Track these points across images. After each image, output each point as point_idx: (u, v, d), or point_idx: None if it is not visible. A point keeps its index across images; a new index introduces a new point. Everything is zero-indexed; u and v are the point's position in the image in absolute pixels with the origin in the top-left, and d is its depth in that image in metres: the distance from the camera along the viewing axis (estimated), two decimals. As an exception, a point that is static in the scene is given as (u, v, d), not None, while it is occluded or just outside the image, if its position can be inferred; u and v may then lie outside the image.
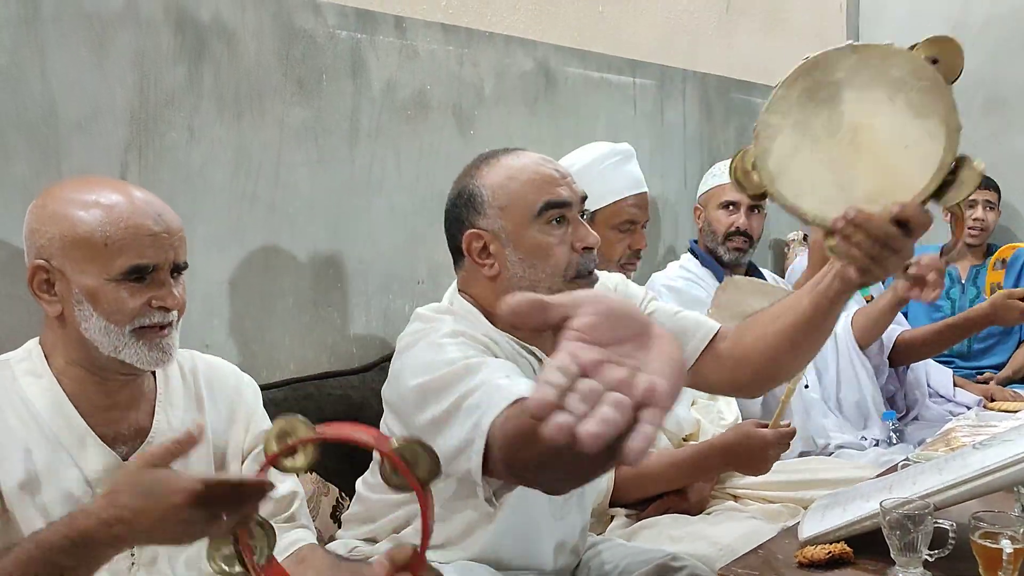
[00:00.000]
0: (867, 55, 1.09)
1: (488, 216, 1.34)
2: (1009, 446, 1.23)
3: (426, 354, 1.24)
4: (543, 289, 1.31)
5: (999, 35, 3.68)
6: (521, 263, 1.33)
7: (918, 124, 1.07)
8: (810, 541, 1.29)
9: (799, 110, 1.10)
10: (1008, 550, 1.10)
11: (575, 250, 1.33)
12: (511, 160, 1.37)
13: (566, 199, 1.33)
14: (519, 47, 2.41)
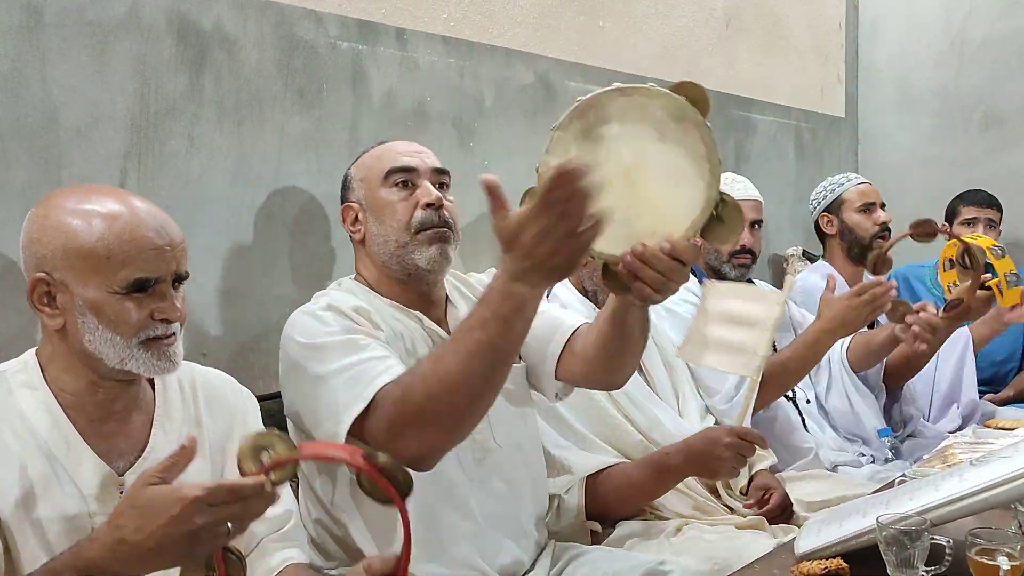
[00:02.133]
0: (634, 97, 1.14)
1: (353, 189, 1.58)
2: (1006, 463, 1.22)
3: (309, 321, 1.42)
4: (392, 243, 1.50)
5: (997, 54, 3.70)
6: (374, 222, 1.53)
7: (685, 163, 1.13)
8: (806, 556, 1.28)
9: (576, 151, 1.14)
10: (1005, 567, 1.09)
11: (419, 207, 1.51)
12: (382, 145, 1.62)
13: (411, 164, 1.54)
14: (520, 60, 2.42)
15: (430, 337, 1.51)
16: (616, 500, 1.82)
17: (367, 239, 1.54)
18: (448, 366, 1.20)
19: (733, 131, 3.25)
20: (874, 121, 4.02)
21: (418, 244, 1.49)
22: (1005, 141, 3.69)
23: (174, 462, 0.95)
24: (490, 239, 2.18)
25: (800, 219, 3.63)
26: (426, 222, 1.50)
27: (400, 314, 1.52)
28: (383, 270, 1.53)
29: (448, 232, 1.52)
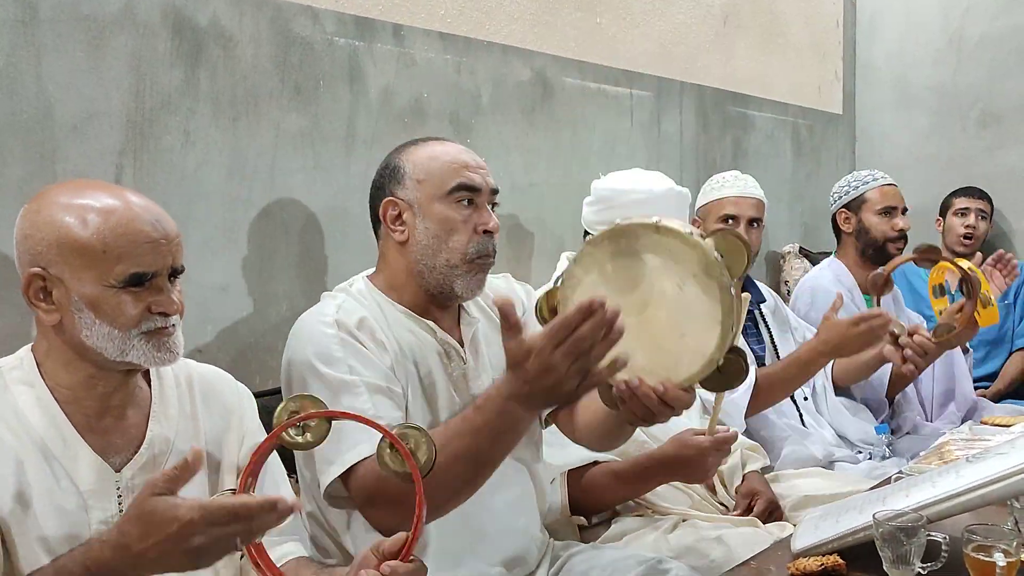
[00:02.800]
0: (668, 237, 1.15)
1: (406, 187, 1.47)
2: (1002, 459, 1.22)
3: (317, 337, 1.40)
4: (443, 261, 1.45)
5: (995, 52, 3.70)
6: (427, 232, 1.45)
7: (700, 317, 1.15)
8: (803, 553, 1.28)
9: (601, 270, 1.18)
10: (1001, 563, 1.09)
11: (477, 232, 1.45)
12: (436, 144, 1.52)
13: (477, 184, 1.46)
14: (517, 57, 2.42)
15: (441, 347, 1.50)
16: (596, 498, 1.83)
17: (411, 243, 1.47)
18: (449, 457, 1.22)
19: (730, 128, 3.25)
20: (872, 118, 4.02)
21: (466, 272, 1.46)
22: (1002, 139, 3.69)
23: (178, 474, 0.95)
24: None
25: (797, 216, 3.64)
26: (481, 251, 1.46)
27: (413, 324, 1.49)
28: (415, 277, 1.48)
29: (493, 261, 1.50)
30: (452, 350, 1.50)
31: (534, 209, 2.48)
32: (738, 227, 2.49)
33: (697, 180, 3.05)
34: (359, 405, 1.34)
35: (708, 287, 1.16)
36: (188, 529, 0.92)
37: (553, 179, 2.52)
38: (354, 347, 1.39)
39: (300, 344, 1.42)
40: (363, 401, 1.35)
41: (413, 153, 1.50)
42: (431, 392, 1.42)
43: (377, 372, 1.39)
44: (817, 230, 3.75)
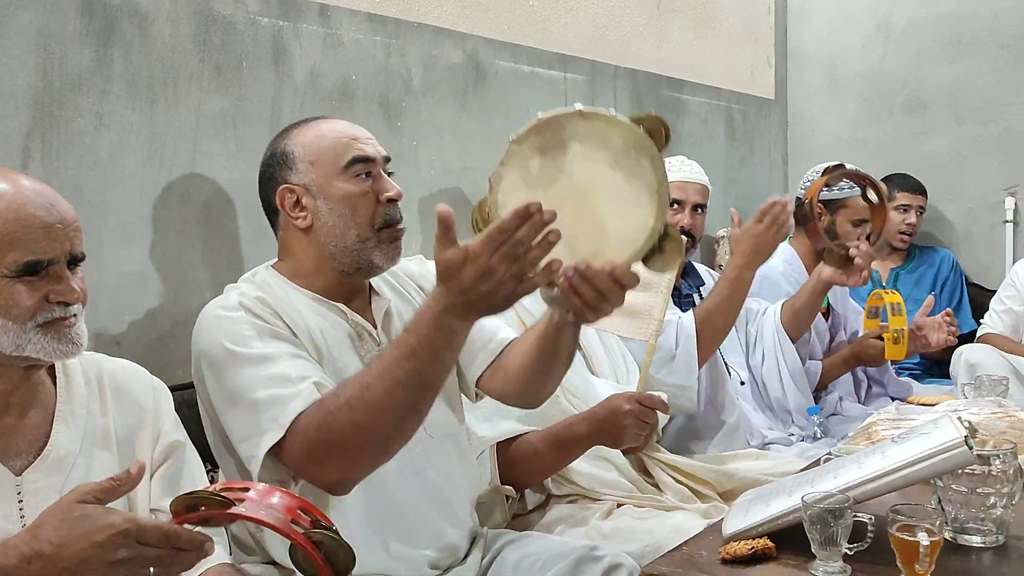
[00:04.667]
0: (593, 121, 1.15)
1: (299, 171, 1.44)
2: (925, 439, 1.24)
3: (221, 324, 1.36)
4: (353, 238, 1.42)
5: (920, 39, 3.77)
6: (331, 212, 1.42)
7: (634, 192, 1.16)
8: (734, 537, 1.28)
9: (531, 166, 1.16)
10: (924, 543, 1.10)
11: (380, 202, 1.44)
12: (321, 123, 1.49)
13: (371, 155, 1.46)
14: (448, 39, 2.37)
15: (353, 329, 1.47)
16: (526, 469, 1.82)
17: (316, 228, 1.43)
18: (374, 394, 1.21)
19: (664, 112, 3.23)
20: (803, 104, 4.07)
21: (379, 242, 1.44)
22: (927, 125, 3.77)
23: (116, 485, 0.91)
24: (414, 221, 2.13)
25: (731, 201, 3.66)
26: (389, 219, 1.45)
27: (322, 308, 1.46)
28: (327, 261, 1.45)
29: (402, 228, 1.49)
30: (364, 331, 1.47)
31: (468, 193, 2.44)
32: (682, 212, 2.51)
33: (632, 165, 3.06)
34: (284, 371, 1.31)
35: (639, 161, 1.17)
36: (118, 540, 0.88)
37: (487, 163, 2.46)
38: (263, 326, 1.36)
39: (208, 334, 1.37)
40: (286, 367, 1.32)
41: (299, 136, 1.47)
42: (343, 376, 1.38)
43: (290, 343, 1.36)
44: (751, 213, 3.78)
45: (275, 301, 1.41)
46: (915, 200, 3.50)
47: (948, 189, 3.67)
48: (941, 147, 3.72)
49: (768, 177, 3.96)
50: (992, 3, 3.60)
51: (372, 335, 1.48)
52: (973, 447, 1.21)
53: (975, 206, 3.69)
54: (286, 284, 1.47)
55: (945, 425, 1.26)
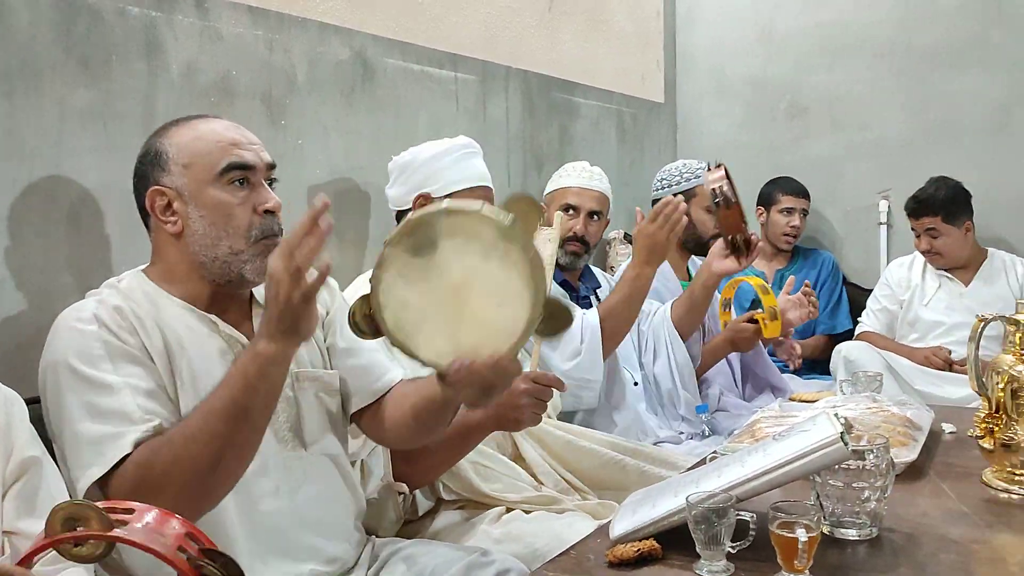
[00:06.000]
0: (459, 217, 1.18)
1: (172, 173, 1.37)
2: (804, 437, 1.26)
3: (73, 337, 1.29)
4: (225, 249, 1.36)
5: (801, 46, 3.91)
6: (203, 220, 1.36)
7: (509, 281, 1.19)
8: (621, 539, 1.28)
9: (407, 267, 1.19)
10: (803, 539, 1.12)
11: (257, 212, 1.38)
12: (200, 123, 1.41)
13: (250, 162, 1.38)
14: (334, 35, 2.31)
15: (225, 343, 1.40)
16: (422, 463, 1.77)
17: (187, 234, 1.37)
18: (191, 427, 1.19)
19: (556, 114, 3.26)
20: (692, 107, 4.16)
21: (253, 255, 1.37)
22: (808, 130, 3.91)
23: None
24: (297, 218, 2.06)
25: (622, 203, 3.71)
26: (266, 231, 1.38)
27: (192, 319, 1.39)
28: (197, 269, 1.38)
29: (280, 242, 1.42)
30: (240, 346, 1.40)
31: (356, 193, 2.38)
32: (577, 219, 2.53)
33: (525, 165, 3.05)
34: (124, 407, 1.24)
35: (510, 252, 1.18)
36: None
37: (376, 163, 2.43)
38: (116, 345, 1.29)
39: (58, 344, 1.29)
40: (127, 403, 1.25)
41: (175, 135, 1.39)
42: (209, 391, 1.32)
43: (142, 371, 1.29)
44: (642, 216, 3.84)
45: (138, 311, 1.33)
46: (799, 203, 3.63)
47: (827, 192, 3.81)
48: (821, 152, 3.87)
49: (658, 179, 4.03)
50: (866, 14, 3.76)
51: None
52: (848, 443, 1.23)
53: (852, 209, 3.85)
54: (155, 290, 1.39)
55: (822, 422, 1.28)
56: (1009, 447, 1.51)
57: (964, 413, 1.96)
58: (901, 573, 1.20)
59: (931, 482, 1.57)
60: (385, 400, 1.55)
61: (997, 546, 1.29)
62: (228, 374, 1.21)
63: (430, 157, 2.06)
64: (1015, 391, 1.52)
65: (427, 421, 1.48)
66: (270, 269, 1.16)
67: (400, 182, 2.09)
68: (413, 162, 2.07)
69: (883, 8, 3.72)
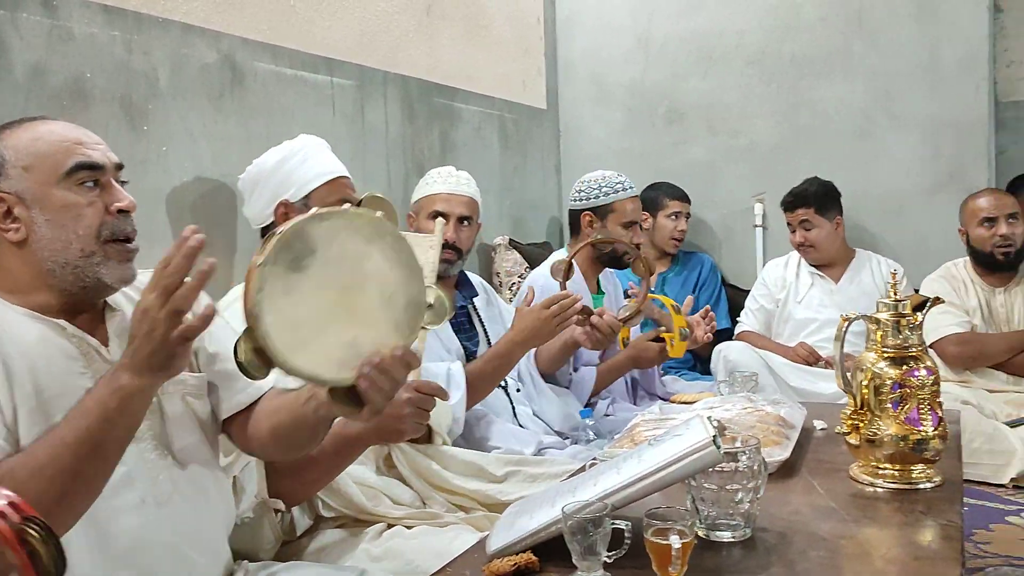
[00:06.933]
0: (331, 219, 1.17)
1: (11, 177, 1.30)
2: (678, 441, 1.26)
3: None
4: (75, 252, 1.30)
5: (676, 54, 3.99)
6: (49, 224, 1.29)
7: (392, 275, 1.19)
8: (498, 553, 1.25)
9: (290, 284, 1.14)
10: (676, 546, 1.12)
11: (109, 212, 1.32)
12: (39, 124, 1.35)
13: (98, 161, 1.33)
14: (199, 37, 2.21)
15: (76, 348, 1.31)
16: (299, 479, 1.70)
17: (32, 241, 1.29)
18: (38, 459, 1.12)
19: (437, 120, 3.23)
20: (574, 113, 4.20)
21: (105, 257, 1.30)
22: (686, 135, 4.00)
23: None
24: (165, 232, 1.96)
25: (506, 209, 3.71)
26: (118, 231, 1.31)
27: (38, 325, 1.29)
28: (46, 278, 1.29)
29: (136, 249, 1.35)
30: (91, 350, 1.32)
31: (226, 202, 2.29)
32: (447, 224, 2.48)
33: (405, 173, 3.00)
34: None
35: (386, 244, 1.18)
36: None
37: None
38: None
39: None
40: None
41: (11, 138, 1.31)
42: (58, 402, 1.23)
43: None
44: (525, 222, 3.85)
45: None
46: (684, 207, 3.71)
47: (705, 196, 3.91)
48: (698, 156, 3.96)
49: (542, 185, 4.05)
50: (737, 23, 3.87)
51: (102, 354, 1.32)
52: (721, 446, 1.24)
53: (729, 212, 3.96)
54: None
55: (695, 426, 1.29)
56: (873, 442, 1.56)
57: (835, 409, 2.02)
58: (773, 573, 1.22)
59: (803, 479, 1.61)
60: (255, 410, 1.48)
61: (863, 540, 1.33)
62: (83, 404, 1.13)
63: (277, 163, 2.00)
64: (878, 388, 1.57)
65: (296, 439, 1.43)
66: (143, 304, 1.10)
67: (255, 198, 2.03)
68: (261, 173, 2.02)
69: (752, 18, 3.85)
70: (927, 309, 1.63)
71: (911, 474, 1.55)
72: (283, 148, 2.04)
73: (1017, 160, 4.04)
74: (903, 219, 3.67)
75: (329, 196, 1.97)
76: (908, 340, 1.59)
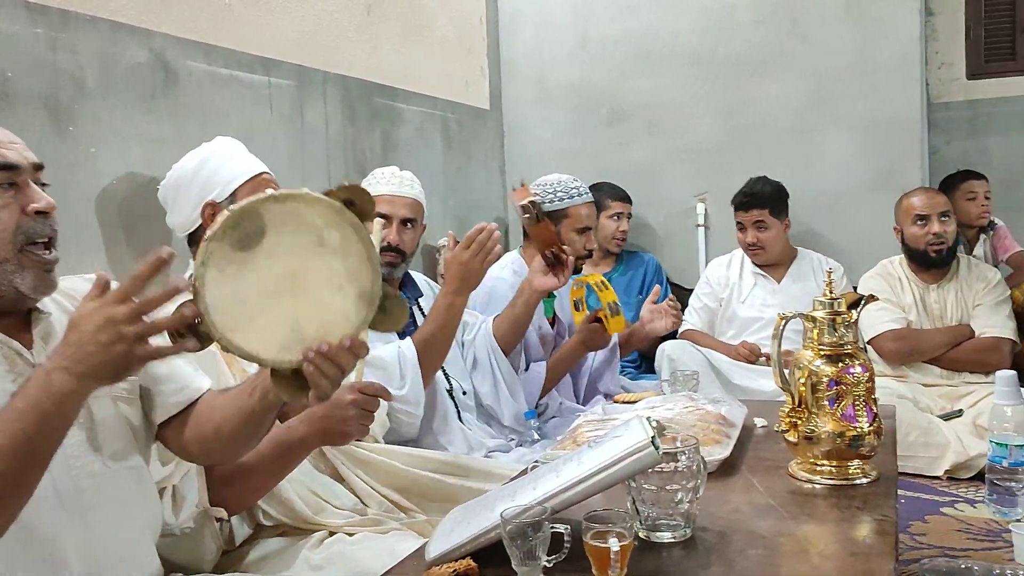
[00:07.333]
0: (290, 203, 1.15)
1: None
2: (617, 442, 1.26)
3: None
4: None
5: (618, 54, 4.01)
6: None
7: (346, 265, 1.18)
8: (437, 560, 1.23)
9: (235, 261, 1.13)
10: (615, 548, 1.11)
11: (26, 214, 1.27)
12: None
13: (14, 161, 1.28)
14: (129, 36, 2.15)
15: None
16: (242, 484, 1.66)
17: None
18: None
19: (379, 120, 3.19)
20: (517, 114, 4.20)
21: (20, 266, 1.25)
22: (628, 135, 4.02)
23: None
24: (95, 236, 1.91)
25: (450, 209, 3.68)
26: (34, 234, 1.27)
27: None
28: None
29: (54, 260, 1.30)
30: (13, 354, 1.28)
31: (159, 205, 2.22)
32: (390, 227, 2.45)
33: (346, 174, 2.96)
34: None
35: (345, 234, 1.16)
36: None
37: (182, 173, 2.29)
38: None
39: None
40: None
41: None
42: None
43: None
44: (470, 222, 3.81)
45: None
46: (625, 208, 3.73)
47: (648, 196, 3.93)
48: (641, 157, 3.98)
49: (486, 186, 4.04)
50: (671, 24, 3.91)
51: (25, 357, 1.28)
52: (659, 446, 1.24)
53: (671, 212, 3.99)
54: None
55: (634, 427, 1.29)
56: (811, 439, 1.58)
57: (775, 407, 2.03)
58: (712, 572, 1.22)
59: (743, 477, 1.62)
60: (192, 412, 1.44)
61: (801, 537, 1.34)
62: (14, 407, 1.09)
63: (197, 165, 1.97)
64: (815, 385, 1.59)
65: (242, 433, 1.39)
66: (108, 313, 1.07)
67: (180, 203, 1.98)
68: (182, 178, 1.98)
69: (688, 19, 3.88)
70: (861, 307, 1.65)
71: (848, 470, 1.57)
72: (200, 151, 2.00)
73: (949, 160, 4.15)
74: (841, 217, 3.73)
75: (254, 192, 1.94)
76: (844, 338, 1.61)
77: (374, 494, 1.90)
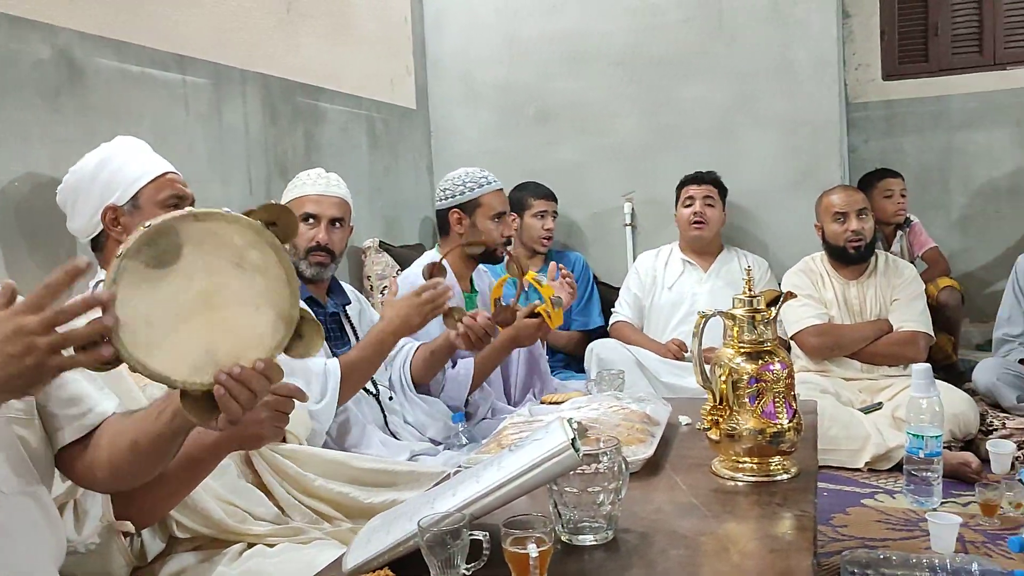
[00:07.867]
0: (209, 222, 1.13)
1: None
2: (537, 446, 1.24)
3: None
4: None
5: (543, 54, 4.01)
6: None
7: (264, 286, 1.16)
8: (354, 571, 1.20)
9: (149, 280, 1.10)
10: (534, 555, 1.10)
11: None
12: None
13: None
14: (31, 31, 2.06)
15: None
16: (150, 496, 1.56)
17: None
18: None
19: (301, 120, 3.13)
20: (444, 113, 4.16)
21: None
22: (555, 135, 4.02)
23: None
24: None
25: (377, 210, 3.64)
26: None
27: None
28: None
29: None
30: None
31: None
32: (318, 227, 2.40)
33: (267, 175, 2.90)
34: None
35: (264, 253, 1.15)
36: None
37: (91, 174, 2.20)
38: None
39: None
40: None
41: None
42: None
43: None
44: (398, 223, 3.79)
45: None
46: (550, 206, 3.73)
47: (575, 196, 3.94)
48: (568, 156, 3.99)
49: (414, 186, 3.99)
50: (602, 24, 3.92)
51: None
52: (580, 449, 1.23)
53: (599, 211, 4.01)
54: None
55: (555, 429, 1.27)
56: (733, 437, 1.59)
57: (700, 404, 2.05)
58: (634, 574, 1.21)
59: (666, 476, 1.62)
60: (95, 437, 1.37)
61: (722, 536, 1.34)
62: None
63: (96, 167, 1.90)
64: (735, 383, 1.60)
65: (151, 456, 1.32)
66: (17, 323, 1.02)
67: (79, 208, 1.91)
68: (81, 181, 1.91)
69: (615, 20, 3.90)
70: (780, 304, 1.67)
71: (769, 466, 1.58)
72: (100, 151, 1.93)
73: (867, 158, 4.26)
74: (765, 215, 3.80)
75: (159, 193, 1.88)
76: (763, 335, 1.62)
77: (297, 504, 1.85)
